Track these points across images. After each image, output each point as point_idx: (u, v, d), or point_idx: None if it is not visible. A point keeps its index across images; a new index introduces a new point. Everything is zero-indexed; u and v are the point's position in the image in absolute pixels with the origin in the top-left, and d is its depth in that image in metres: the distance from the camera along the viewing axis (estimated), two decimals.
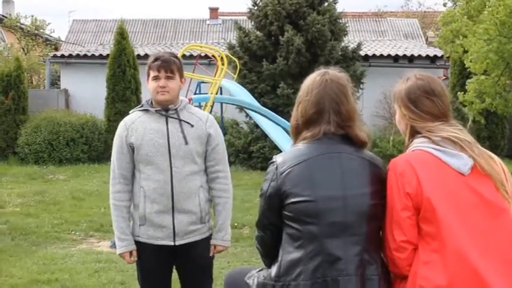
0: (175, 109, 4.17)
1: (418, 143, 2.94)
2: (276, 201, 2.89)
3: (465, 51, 13.65)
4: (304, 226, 2.82)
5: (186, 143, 4.08)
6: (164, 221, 4.10)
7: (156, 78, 4.14)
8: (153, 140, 4.09)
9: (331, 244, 2.79)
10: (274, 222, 2.95)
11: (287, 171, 2.87)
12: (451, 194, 2.80)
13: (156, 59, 4.16)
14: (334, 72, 3.06)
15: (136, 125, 4.17)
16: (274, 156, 3.01)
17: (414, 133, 3.01)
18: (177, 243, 4.14)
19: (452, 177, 2.83)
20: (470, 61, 13.46)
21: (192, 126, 4.15)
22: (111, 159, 4.26)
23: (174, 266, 4.41)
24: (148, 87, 4.22)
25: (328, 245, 2.79)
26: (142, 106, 4.28)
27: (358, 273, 2.79)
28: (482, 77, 13.52)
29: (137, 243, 4.19)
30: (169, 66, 4.12)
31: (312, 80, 3.04)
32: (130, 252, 4.19)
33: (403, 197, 2.81)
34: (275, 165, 2.93)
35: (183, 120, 4.14)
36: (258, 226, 3.08)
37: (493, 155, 2.96)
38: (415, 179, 2.81)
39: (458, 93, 14.11)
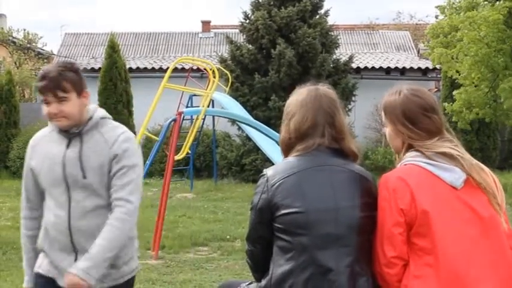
0: (79, 132, 3.38)
1: (411, 157, 2.92)
2: (267, 213, 2.88)
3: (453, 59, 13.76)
4: (295, 238, 2.81)
5: (84, 176, 3.32)
6: (64, 263, 3.39)
7: (46, 102, 3.31)
8: (50, 168, 3.39)
9: (323, 255, 2.79)
10: (265, 235, 2.93)
11: (278, 183, 2.86)
12: (445, 208, 2.80)
13: (41, 78, 3.30)
14: (324, 87, 3.09)
15: (39, 146, 3.49)
16: (264, 170, 3.00)
17: (410, 149, 2.99)
18: None
19: (445, 191, 2.83)
20: (458, 73, 13.61)
21: (95, 152, 3.36)
22: None
23: None
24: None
25: (320, 257, 2.78)
26: None
27: (349, 284, 2.78)
28: (471, 88, 13.61)
29: (39, 275, 3.54)
30: (57, 85, 3.26)
31: (304, 95, 3.04)
32: None
33: (396, 213, 2.80)
34: (265, 178, 2.92)
35: (89, 141, 3.38)
36: (248, 240, 3.05)
37: (483, 166, 2.95)
38: (408, 195, 2.79)
39: (445, 103, 14.20)
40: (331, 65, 17.66)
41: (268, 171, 2.95)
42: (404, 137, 2.98)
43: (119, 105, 18.02)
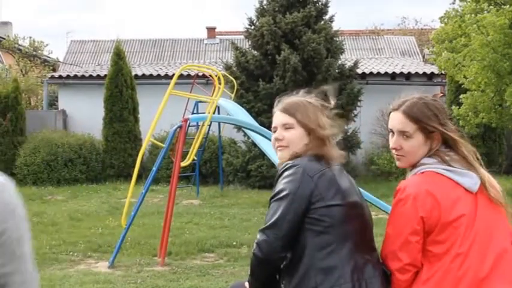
0: None
1: (428, 164, 2.92)
2: (306, 202, 2.84)
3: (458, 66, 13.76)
4: (338, 230, 2.85)
5: None
6: None
7: None
8: None
9: (360, 248, 2.88)
10: (294, 225, 2.85)
11: (318, 174, 2.87)
12: (465, 213, 2.82)
13: None
14: None
15: None
16: (291, 162, 2.94)
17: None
18: None
19: (464, 197, 2.86)
20: (465, 77, 13.59)
21: None
22: None
23: None
24: None
25: (358, 249, 2.87)
26: None
27: (380, 274, 2.89)
28: (477, 93, 13.61)
29: None
30: None
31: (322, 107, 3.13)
32: None
33: (415, 221, 2.81)
34: (301, 168, 2.88)
35: None
36: (271, 227, 2.84)
37: (489, 175, 2.99)
38: (429, 202, 2.80)
39: (453, 107, 14.19)
40: (337, 71, 17.66)
41: (300, 163, 2.92)
42: (435, 143, 2.94)
43: (124, 112, 18.08)
